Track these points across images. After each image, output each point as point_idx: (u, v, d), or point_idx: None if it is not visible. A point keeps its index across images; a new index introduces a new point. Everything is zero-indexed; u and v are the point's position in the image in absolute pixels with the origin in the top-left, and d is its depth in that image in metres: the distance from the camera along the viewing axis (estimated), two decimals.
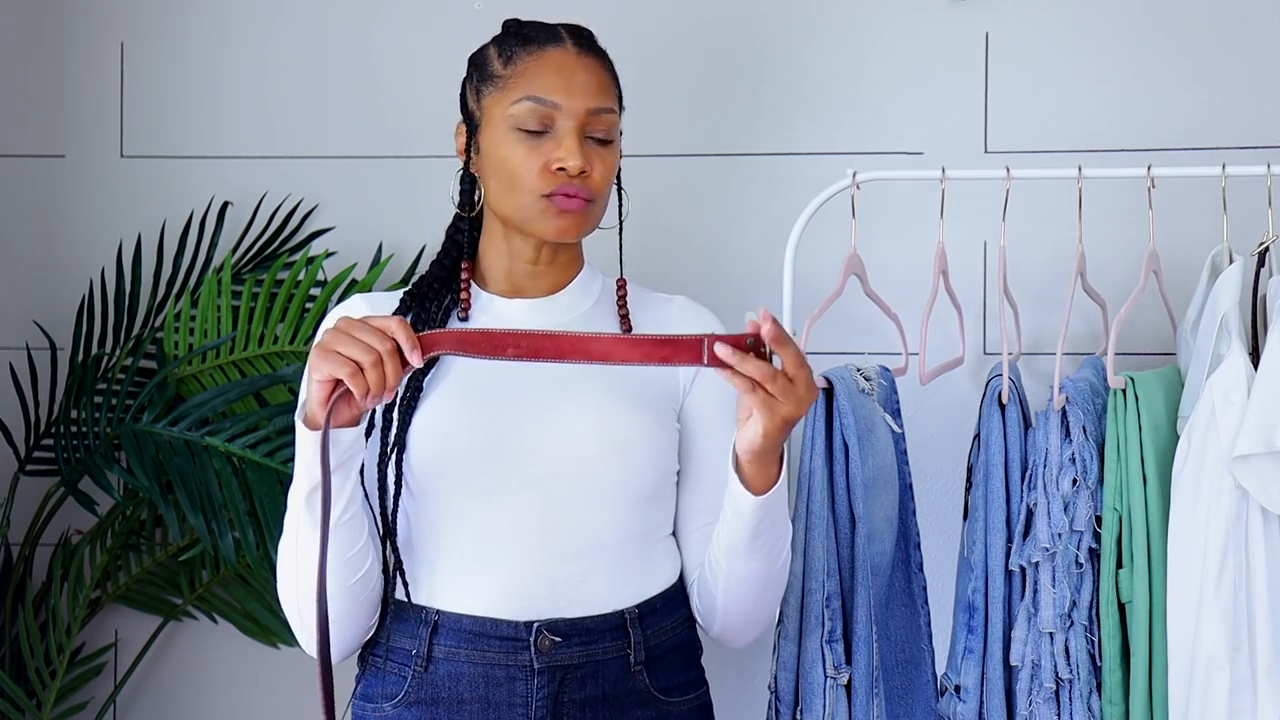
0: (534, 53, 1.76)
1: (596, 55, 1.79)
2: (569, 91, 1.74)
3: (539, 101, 1.73)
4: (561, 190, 1.73)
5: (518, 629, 1.72)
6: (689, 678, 1.84)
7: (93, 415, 2.50)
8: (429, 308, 1.81)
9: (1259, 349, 2.01)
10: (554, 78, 1.74)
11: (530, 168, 1.73)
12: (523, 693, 1.72)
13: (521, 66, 1.75)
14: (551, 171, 1.73)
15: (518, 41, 1.78)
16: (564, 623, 1.73)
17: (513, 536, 1.72)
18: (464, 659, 1.72)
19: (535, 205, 1.74)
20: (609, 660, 1.75)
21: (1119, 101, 2.47)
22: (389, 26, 2.65)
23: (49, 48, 2.73)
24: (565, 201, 1.73)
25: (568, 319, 1.82)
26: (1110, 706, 1.96)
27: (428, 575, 1.75)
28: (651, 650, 1.78)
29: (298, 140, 2.67)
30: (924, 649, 2.11)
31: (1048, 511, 1.97)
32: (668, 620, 1.81)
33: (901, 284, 2.32)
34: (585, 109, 1.74)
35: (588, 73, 1.76)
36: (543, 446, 1.73)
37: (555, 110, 1.73)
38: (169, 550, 2.61)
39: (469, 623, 1.72)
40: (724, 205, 2.57)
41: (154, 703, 2.72)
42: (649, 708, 1.78)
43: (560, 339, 1.55)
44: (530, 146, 1.74)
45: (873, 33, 2.53)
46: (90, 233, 2.71)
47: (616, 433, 1.75)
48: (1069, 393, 1.99)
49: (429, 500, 1.73)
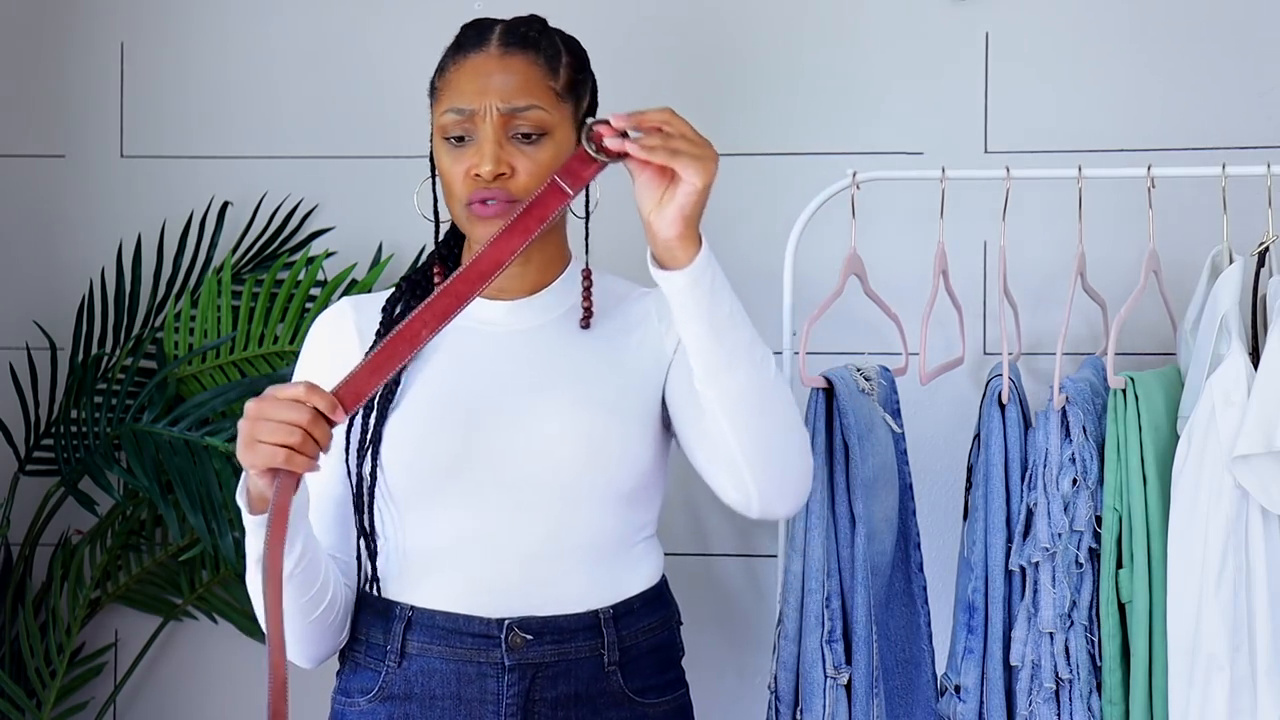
0: (459, 61, 1.76)
1: (525, 50, 1.76)
2: (482, 95, 1.73)
3: (457, 111, 1.73)
4: (476, 197, 1.72)
5: (489, 626, 1.72)
6: (666, 679, 1.83)
7: (93, 415, 2.50)
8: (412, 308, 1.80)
9: (1259, 349, 2.01)
10: (470, 83, 1.74)
11: (456, 175, 1.73)
12: (494, 689, 1.72)
13: (448, 77, 1.76)
14: (471, 177, 1.72)
15: (452, 51, 1.79)
16: (536, 620, 1.72)
17: (484, 536, 1.72)
18: (436, 655, 1.73)
19: (464, 213, 1.74)
20: (581, 659, 1.75)
21: (1119, 101, 2.47)
22: (389, 26, 2.65)
23: (49, 48, 2.73)
24: (481, 209, 1.72)
25: (551, 317, 1.81)
26: (1110, 706, 1.96)
27: (401, 571, 1.75)
28: (627, 651, 1.77)
29: (298, 140, 2.67)
30: (924, 649, 2.11)
31: (1048, 511, 1.97)
32: (645, 622, 1.80)
33: (901, 284, 2.32)
34: (498, 111, 1.72)
35: (506, 73, 1.74)
36: (514, 449, 1.72)
37: (471, 116, 1.73)
38: (169, 550, 2.61)
39: (441, 619, 1.72)
40: (724, 205, 2.55)
41: (154, 703, 2.72)
42: (623, 708, 1.77)
43: (452, 284, 1.55)
44: (455, 155, 1.74)
45: (873, 32, 2.53)
46: (90, 233, 2.71)
47: (589, 434, 1.74)
48: (1069, 393, 1.99)
49: (402, 499, 1.73)
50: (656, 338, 1.81)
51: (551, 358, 1.78)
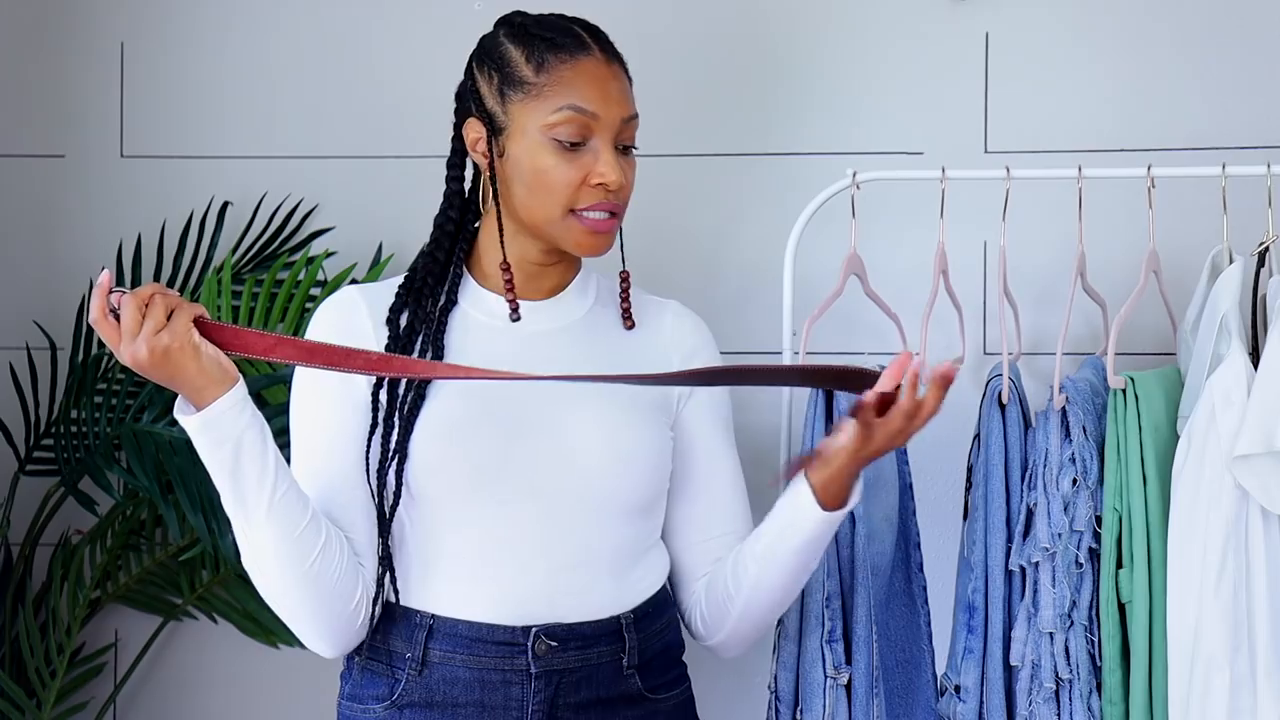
0: (567, 60, 1.72)
1: (621, 63, 1.78)
2: (605, 101, 1.71)
3: (578, 110, 1.70)
4: (599, 206, 1.71)
5: (515, 634, 1.71)
6: (673, 675, 1.85)
7: (93, 415, 2.50)
8: (424, 305, 1.78)
9: (1259, 349, 2.01)
10: (591, 88, 1.71)
11: (568, 181, 1.71)
12: (518, 697, 1.72)
13: (556, 75, 1.72)
14: (590, 186, 1.71)
15: (546, 47, 1.73)
16: (561, 628, 1.72)
17: (512, 546, 1.71)
18: (460, 663, 1.71)
19: (565, 219, 1.72)
20: (603, 664, 1.75)
21: (1119, 101, 2.47)
22: (389, 26, 2.65)
23: (49, 48, 2.73)
24: (595, 220, 1.72)
25: (571, 320, 1.81)
26: (1110, 706, 1.96)
27: (424, 579, 1.73)
28: (644, 653, 1.78)
29: (298, 140, 2.67)
30: (924, 649, 2.11)
31: (1048, 511, 1.97)
32: (658, 623, 1.81)
33: (901, 284, 2.32)
34: (620, 118, 1.72)
35: (618, 80, 1.75)
36: (546, 459, 1.72)
37: (594, 121, 1.71)
38: (169, 550, 2.61)
39: (465, 628, 1.71)
40: (724, 205, 2.56)
41: (154, 703, 2.72)
42: (637, 706, 1.78)
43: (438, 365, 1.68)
44: (569, 159, 1.71)
45: (873, 33, 2.53)
46: (90, 233, 2.71)
47: (619, 445, 1.74)
48: (1069, 393, 1.99)
49: (429, 506, 1.72)
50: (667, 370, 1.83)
51: (579, 360, 1.77)
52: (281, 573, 1.66)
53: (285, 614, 1.71)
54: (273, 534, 1.63)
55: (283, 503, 1.63)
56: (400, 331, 1.76)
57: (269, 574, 1.67)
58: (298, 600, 1.68)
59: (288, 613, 1.70)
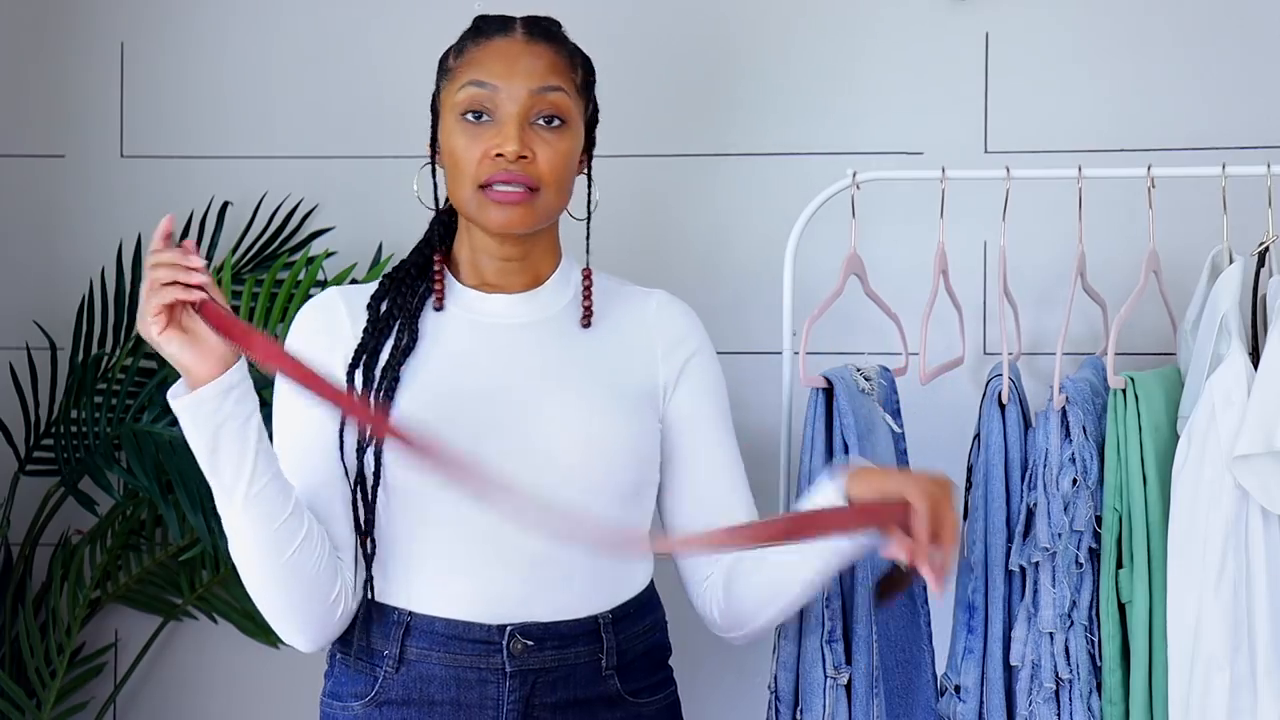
0: (482, 43, 1.75)
1: (550, 41, 1.77)
2: (509, 74, 1.71)
3: (479, 85, 1.71)
4: (497, 178, 1.69)
5: (490, 632, 1.71)
6: (657, 679, 1.84)
7: (93, 415, 2.50)
8: (405, 295, 1.79)
9: (1259, 349, 2.01)
10: (496, 63, 1.73)
11: (471, 155, 1.71)
12: (494, 695, 1.71)
13: (469, 56, 1.75)
14: (491, 158, 1.70)
15: (471, 34, 1.78)
16: (537, 627, 1.72)
17: (490, 540, 1.70)
18: (436, 661, 1.71)
19: (476, 196, 1.72)
20: (580, 664, 1.74)
21: (1119, 101, 2.47)
22: (389, 26, 2.65)
23: (49, 48, 2.73)
24: (501, 193, 1.70)
25: (549, 314, 1.81)
26: (1110, 706, 1.96)
27: (403, 576, 1.73)
28: (623, 655, 1.77)
29: (298, 140, 2.67)
30: (924, 649, 2.11)
31: (1048, 511, 1.97)
32: (640, 625, 1.80)
33: (901, 284, 2.32)
34: (526, 90, 1.71)
35: (533, 57, 1.74)
36: (524, 450, 1.71)
37: (495, 93, 1.71)
38: (169, 550, 2.61)
39: (441, 625, 1.71)
40: (724, 205, 2.56)
41: (154, 703, 2.72)
42: (616, 709, 1.77)
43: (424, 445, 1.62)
44: (472, 134, 1.71)
45: (873, 32, 2.53)
46: (90, 233, 2.71)
47: (599, 436, 1.74)
48: (1069, 393, 1.99)
49: (405, 498, 1.71)
50: (651, 361, 1.82)
51: (554, 355, 1.77)
52: (259, 562, 1.66)
53: (263, 605, 1.71)
54: (250, 524, 1.63)
55: (263, 494, 1.63)
56: (379, 315, 1.77)
57: (248, 563, 1.67)
58: (274, 591, 1.68)
59: (265, 604, 1.71)
